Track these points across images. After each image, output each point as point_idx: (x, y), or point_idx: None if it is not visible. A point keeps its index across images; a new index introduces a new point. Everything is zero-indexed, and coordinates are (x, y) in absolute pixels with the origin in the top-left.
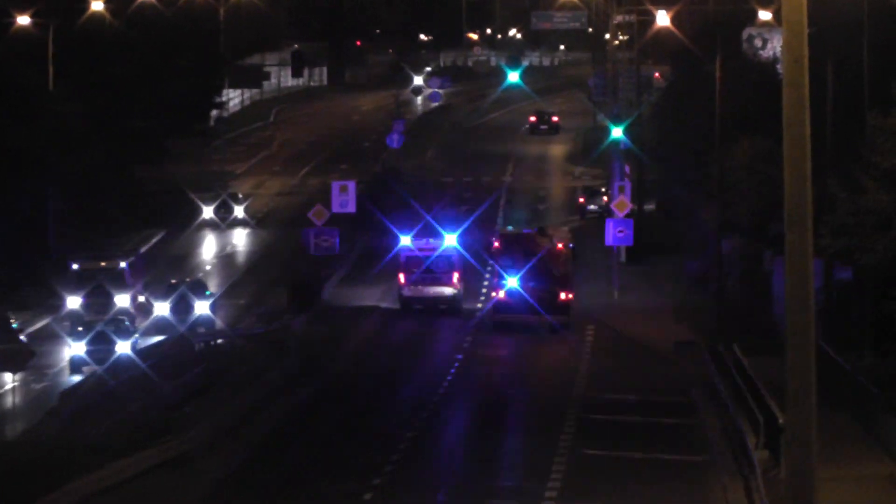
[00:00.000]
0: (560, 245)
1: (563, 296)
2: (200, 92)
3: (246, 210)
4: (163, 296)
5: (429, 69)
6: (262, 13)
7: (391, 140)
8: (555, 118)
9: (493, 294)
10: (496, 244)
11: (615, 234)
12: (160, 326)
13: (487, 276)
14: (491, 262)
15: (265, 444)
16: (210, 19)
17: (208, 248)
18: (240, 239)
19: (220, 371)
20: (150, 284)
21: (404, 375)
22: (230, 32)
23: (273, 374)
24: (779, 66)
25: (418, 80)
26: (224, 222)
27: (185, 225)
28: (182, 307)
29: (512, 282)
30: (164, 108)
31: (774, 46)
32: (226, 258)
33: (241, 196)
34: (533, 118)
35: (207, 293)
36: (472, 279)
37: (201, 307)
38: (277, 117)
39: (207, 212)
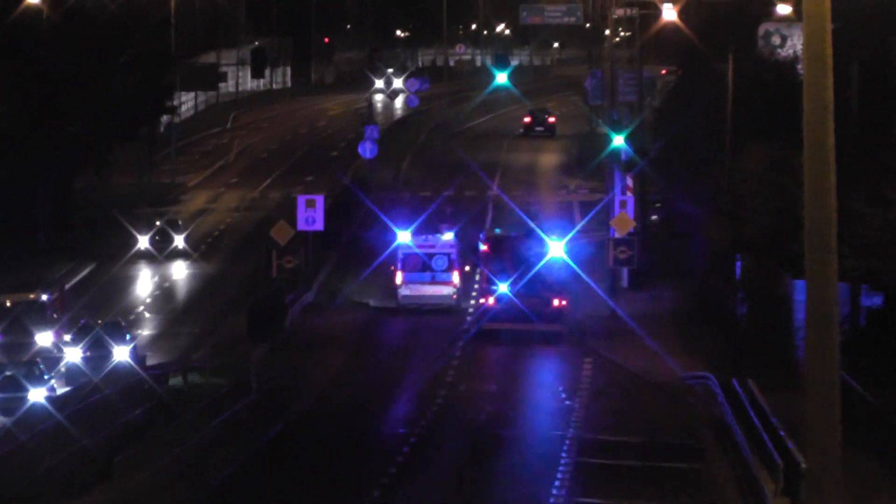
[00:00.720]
0: (553, 249)
1: (556, 302)
2: (148, 94)
3: (187, 240)
4: (74, 339)
5: (409, 69)
6: (219, 6)
7: (363, 149)
8: (551, 119)
9: (482, 301)
10: (484, 248)
11: (617, 255)
12: (71, 375)
13: (477, 280)
14: (479, 266)
15: (217, 495)
16: (159, 12)
17: (143, 282)
18: (180, 272)
19: (169, 409)
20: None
21: (378, 412)
22: (182, 27)
23: (229, 412)
24: (799, 66)
25: (398, 84)
26: (162, 253)
27: (118, 256)
28: (97, 352)
29: (502, 288)
30: (107, 112)
31: (794, 44)
32: (163, 293)
33: (180, 223)
34: (527, 119)
35: (128, 337)
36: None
37: (120, 353)
38: (235, 123)
39: (143, 242)
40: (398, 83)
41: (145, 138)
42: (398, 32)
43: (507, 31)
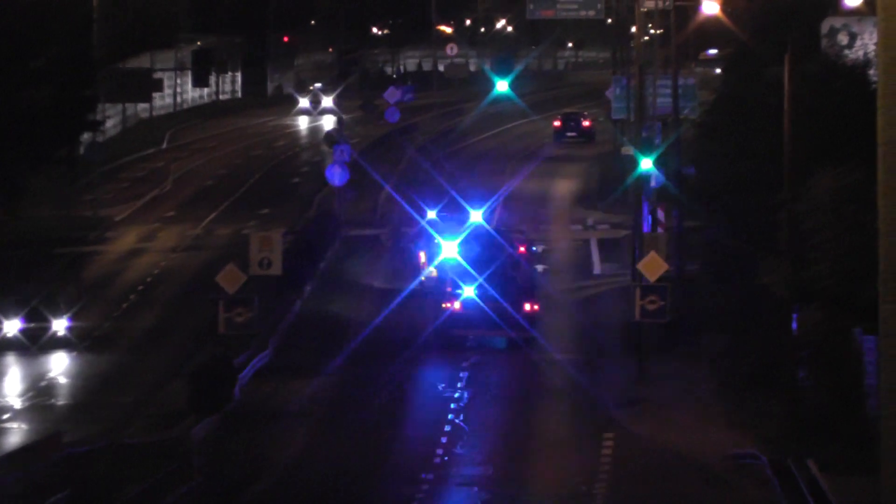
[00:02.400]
0: (522, 248)
1: (527, 307)
2: (66, 107)
3: (70, 329)
4: None
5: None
6: None
7: (331, 174)
8: (586, 122)
9: (446, 305)
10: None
11: (645, 305)
12: None
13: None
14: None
15: None
16: (80, 5)
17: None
18: (59, 365)
19: (92, 500)
20: None
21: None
22: (107, 23)
23: (171, 499)
24: (872, 71)
25: (327, 102)
26: (35, 344)
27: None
28: None
29: (469, 291)
30: (16, 130)
31: (866, 43)
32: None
33: (62, 305)
34: (557, 122)
35: None
36: None
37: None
38: (173, 142)
39: (11, 327)
40: (327, 101)
41: (63, 161)
42: (375, 31)
43: (511, 29)
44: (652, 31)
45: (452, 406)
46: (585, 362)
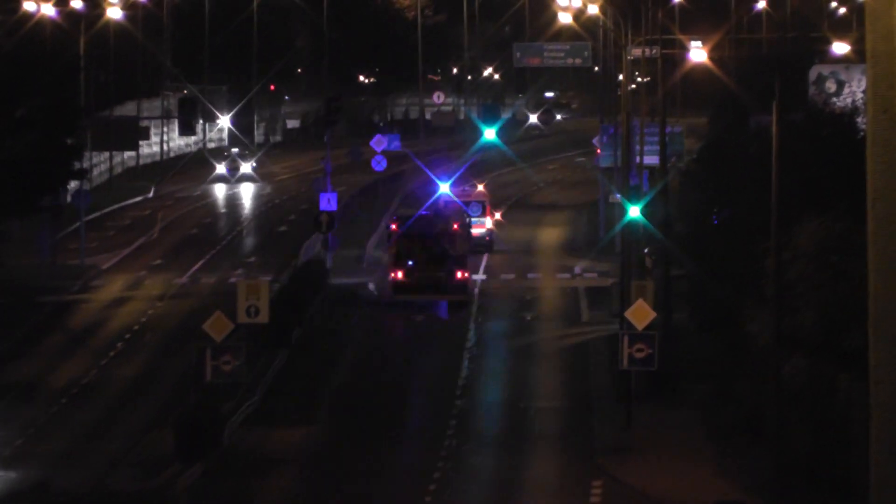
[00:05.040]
0: (456, 225)
1: (459, 275)
2: (51, 155)
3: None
4: None
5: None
6: (138, 45)
7: (318, 223)
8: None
9: (392, 275)
10: (393, 226)
11: (633, 353)
12: None
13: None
14: (389, 243)
15: None
16: (66, 53)
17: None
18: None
19: None
20: None
21: None
22: (94, 72)
23: None
24: (861, 118)
25: (246, 168)
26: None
27: None
28: None
29: (410, 262)
30: (0, 177)
31: (854, 91)
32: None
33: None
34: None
35: None
36: None
37: None
38: (160, 190)
39: None
40: (246, 167)
41: (48, 210)
42: (362, 78)
43: (498, 77)
44: (639, 79)
45: (443, 453)
46: (573, 410)
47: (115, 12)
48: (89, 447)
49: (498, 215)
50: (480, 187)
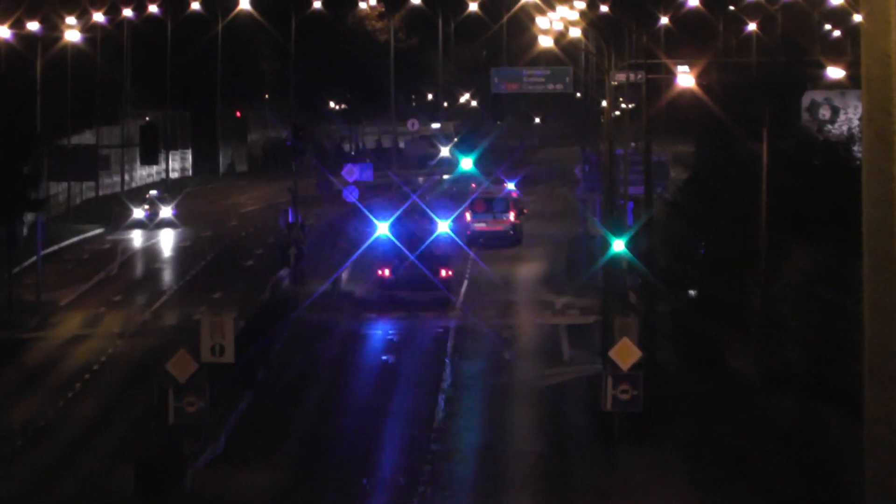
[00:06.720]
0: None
1: (443, 273)
2: (6, 184)
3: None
4: None
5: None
6: (98, 70)
7: (285, 256)
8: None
9: (379, 273)
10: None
11: (617, 395)
12: None
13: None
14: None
15: None
16: (22, 77)
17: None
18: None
19: None
20: None
21: None
22: (50, 97)
23: None
24: (856, 147)
25: (166, 213)
26: None
27: None
28: None
29: (397, 260)
30: None
31: (849, 118)
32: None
33: None
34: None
35: None
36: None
37: None
38: (121, 222)
39: None
40: (166, 211)
41: (3, 242)
42: (332, 105)
43: (475, 103)
44: (623, 106)
45: (415, 502)
46: (554, 453)
47: (73, 35)
48: (45, 490)
49: (525, 210)
50: (511, 185)
